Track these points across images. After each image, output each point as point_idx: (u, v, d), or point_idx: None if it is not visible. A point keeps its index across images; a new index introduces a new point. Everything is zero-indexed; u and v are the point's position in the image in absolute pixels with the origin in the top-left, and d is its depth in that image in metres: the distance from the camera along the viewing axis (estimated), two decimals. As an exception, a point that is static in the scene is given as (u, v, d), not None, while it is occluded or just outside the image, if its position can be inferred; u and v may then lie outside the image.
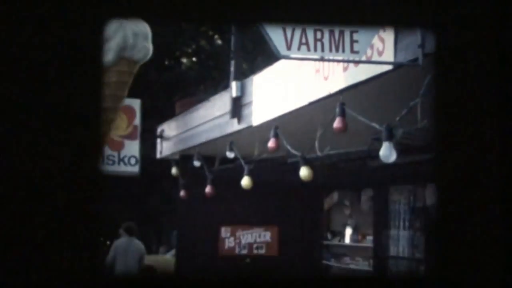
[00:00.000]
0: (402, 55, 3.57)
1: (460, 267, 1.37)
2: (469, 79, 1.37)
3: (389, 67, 3.65)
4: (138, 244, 10.18)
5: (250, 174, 6.02)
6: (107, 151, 8.64)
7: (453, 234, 1.38)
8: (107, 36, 5.35)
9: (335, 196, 7.52)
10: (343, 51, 3.69)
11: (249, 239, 7.34)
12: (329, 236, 7.55)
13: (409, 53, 3.50)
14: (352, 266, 7.20)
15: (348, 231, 7.22)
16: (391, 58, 3.62)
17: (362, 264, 7.01)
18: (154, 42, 5.77)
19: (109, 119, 5.84)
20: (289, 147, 5.14)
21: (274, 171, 6.01)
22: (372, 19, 1.43)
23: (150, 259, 22.01)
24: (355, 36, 3.68)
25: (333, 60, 3.97)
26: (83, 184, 1.31)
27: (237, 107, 5.67)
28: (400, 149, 4.09)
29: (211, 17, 1.44)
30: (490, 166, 1.38)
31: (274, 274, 7.48)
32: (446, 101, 1.38)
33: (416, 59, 3.49)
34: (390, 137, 4.03)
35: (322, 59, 3.91)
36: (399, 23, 1.56)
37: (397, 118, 3.94)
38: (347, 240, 7.26)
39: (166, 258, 21.08)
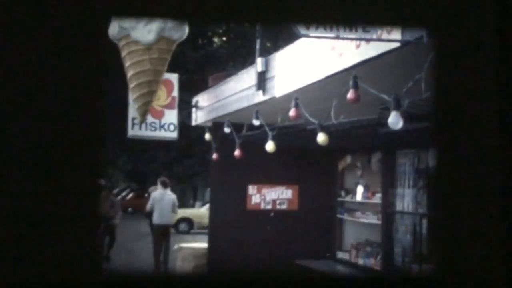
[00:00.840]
0: (408, 34, 3.53)
1: (463, 261, 1.27)
2: (469, 78, 1.27)
3: (397, 44, 3.62)
4: (170, 195, 11.08)
5: (273, 139, 5.98)
6: (150, 118, 8.71)
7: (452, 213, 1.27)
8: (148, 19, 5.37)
9: (348, 159, 7.53)
10: (356, 30, 3.69)
11: (273, 196, 7.42)
12: (342, 193, 7.55)
13: (414, 32, 3.46)
14: (363, 220, 7.21)
15: (360, 189, 7.22)
16: (398, 37, 3.59)
17: (371, 218, 7.01)
18: (189, 23, 5.79)
19: (151, 91, 5.90)
20: (307, 116, 5.08)
21: (294, 137, 5.94)
22: (373, 19, 1.35)
23: (187, 212, 22.34)
24: (367, 17, 3.67)
25: (347, 38, 3.93)
26: (83, 184, 1.20)
27: (262, 81, 5.66)
28: (406, 117, 4.04)
29: (212, 17, 1.34)
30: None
31: (294, 226, 7.54)
32: (446, 99, 1.28)
33: (421, 37, 3.45)
34: (397, 107, 3.98)
35: (337, 38, 3.88)
36: (400, 23, 1.43)
37: (404, 90, 3.88)
38: (358, 197, 7.23)
39: (201, 212, 21.31)
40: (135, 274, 1.25)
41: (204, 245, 7.58)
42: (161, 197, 10.65)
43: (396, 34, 3.68)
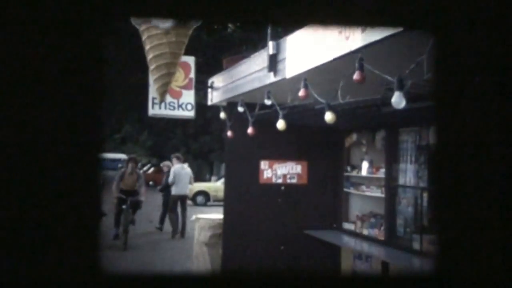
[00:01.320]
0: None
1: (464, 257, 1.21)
2: (469, 77, 1.21)
3: (400, 28, 3.66)
4: (187, 168, 11.95)
5: (284, 118, 5.95)
6: (169, 98, 8.75)
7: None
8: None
9: (354, 136, 7.52)
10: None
11: (284, 170, 7.43)
12: (349, 169, 7.55)
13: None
14: (367, 193, 7.21)
15: (365, 165, 7.22)
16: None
17: (375, 191, 7.02)
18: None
19: (170, 72, 5.92)
20: (316, 96, 5.06)
21: (303, 116, 5.93)
22: (373, 20, 1.27)
23: (203, 186, 22.51)
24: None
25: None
26: (83, 184, 1.14)
27: (273, 63, 5.65)
28: (409, 97, 4.01)
29: (212, 17, 1.27)
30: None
31: (303, 199, 7.56)
32: (445, 97, 1.22)
33: None
34: (400, 87, 3.95)
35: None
36: (399, 24, 1.30)
37: (407, 71, 3.85)
38: (363, 172, 7.23)
39: (217, 185, 21.50)
40: (135, 274, 1.21)
41: (219, 216, 7.67)
42: (180, 171, 11.54)
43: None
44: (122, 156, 24.95)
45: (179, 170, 12.00)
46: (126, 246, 10.56)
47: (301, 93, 5.00)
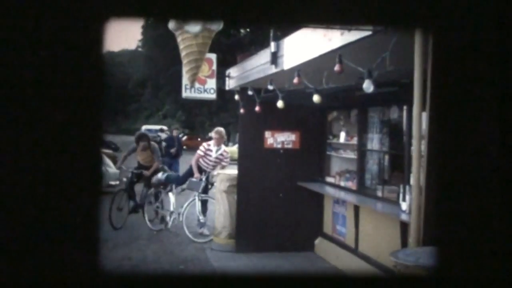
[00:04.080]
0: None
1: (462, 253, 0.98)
2: (469, 78, 0.98)
3: (369, 32, 3.55)
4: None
5: (282, 99, 5.97)
6: (197, 85, 8.73)
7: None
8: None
9: (334, 113, 7.45)
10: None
11: (282, 138, 7.37)
12: (330, 137, 7.46)
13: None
14: (344, 155, 7.16)
15: (342, 134, 7.16)
16: (371, 27, 3.53)
17: (350, 154, 6.98)
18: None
19: (197, 65, 5.91)
20: (306, 82, 5.03)
21: (297, 97, 5.85)
22: (372, 20, 1.04)
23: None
24: (349, 13, 3.58)
25: (334, 28, 3.88)
26: (83, 184, 0.92)
27: (274, 58, 5.60)
28: (376, 84, 3.96)
29: (212, 17, 1.05)
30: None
31: (297, 159, 7.48)
32: (445, 95, 0.99)
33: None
34: (369, 76, 3.92)
35: (327, 27, 3.84)
36: (399, 24, 1.03)
37: (374, 65, 3.82)
38: (341, 139, 7.17)
39: (233, 149, 21.55)
40: (135, 274, 0.98)
41: (235, 171, 7.67)
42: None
43: (369, 25, 3.60)
44: (164, 127, 24.92)
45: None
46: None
47: (295, 80, 5.02)
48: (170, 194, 8.30)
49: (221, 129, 8.50)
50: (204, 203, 8.02)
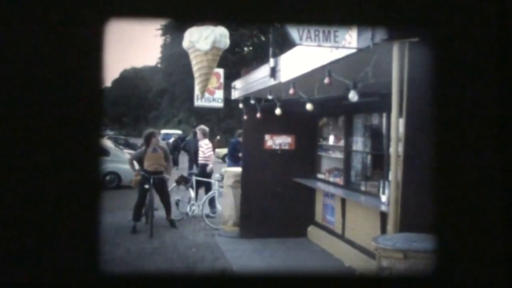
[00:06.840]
0: (361, 43, 3.37)
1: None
2: (467, 77, 0.87)
3: (354, 50, 3.49)
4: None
5: (280, 107, 5.98)
6: (206, 95, 8.74)
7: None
8: (207, 36, 5.35)
9: (324, 119, 7.40)
10: (330, 41, 3.57)
11: (279, 140, 7.35)
12: (321, 140, 7.42)
13: (365, 42, 3.30)
14: (333, 155, 7.10)
15: (331, 138, 7.12)
16: (355, 45, 3.46)
17: (338, 154, 6.92)
18: (230, 39, 5.77)
19: (207, 78, 5.94)
20: (300, 93, 5.00)
21: (293, 105, 5.82)
22: (374, 20, 0.92)
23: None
24: (336, 33, 3.50)
25: (324, 46, 3.78)
26: (83, 184, 0.80)
27: (273, 72, 5.57)
28: (360, 94, 3.92)
29: (212, 17, 0.92)
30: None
31: (292, 159, 7.43)
32: (445, 94, 0.88)
33: (368, 46, 3.29)
34: (355, 87, 3.88)
35: (319, 45, 3.74)
36: (397, 23, 0.94)
37: (358, 77, 3.78)
38: (330, 142, 7.12)
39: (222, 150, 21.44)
40: (135, 274, 0.87)
41: (239, 169, 7.67)
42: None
43: (354, 43, 3.53)
44: (179, 131, 24.83)
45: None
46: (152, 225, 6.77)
47: (291, 91, 5.01)
48: (190, 189, 8.54)
49: (203, 126, 9.13)
50: (212, 199, 8.32)
